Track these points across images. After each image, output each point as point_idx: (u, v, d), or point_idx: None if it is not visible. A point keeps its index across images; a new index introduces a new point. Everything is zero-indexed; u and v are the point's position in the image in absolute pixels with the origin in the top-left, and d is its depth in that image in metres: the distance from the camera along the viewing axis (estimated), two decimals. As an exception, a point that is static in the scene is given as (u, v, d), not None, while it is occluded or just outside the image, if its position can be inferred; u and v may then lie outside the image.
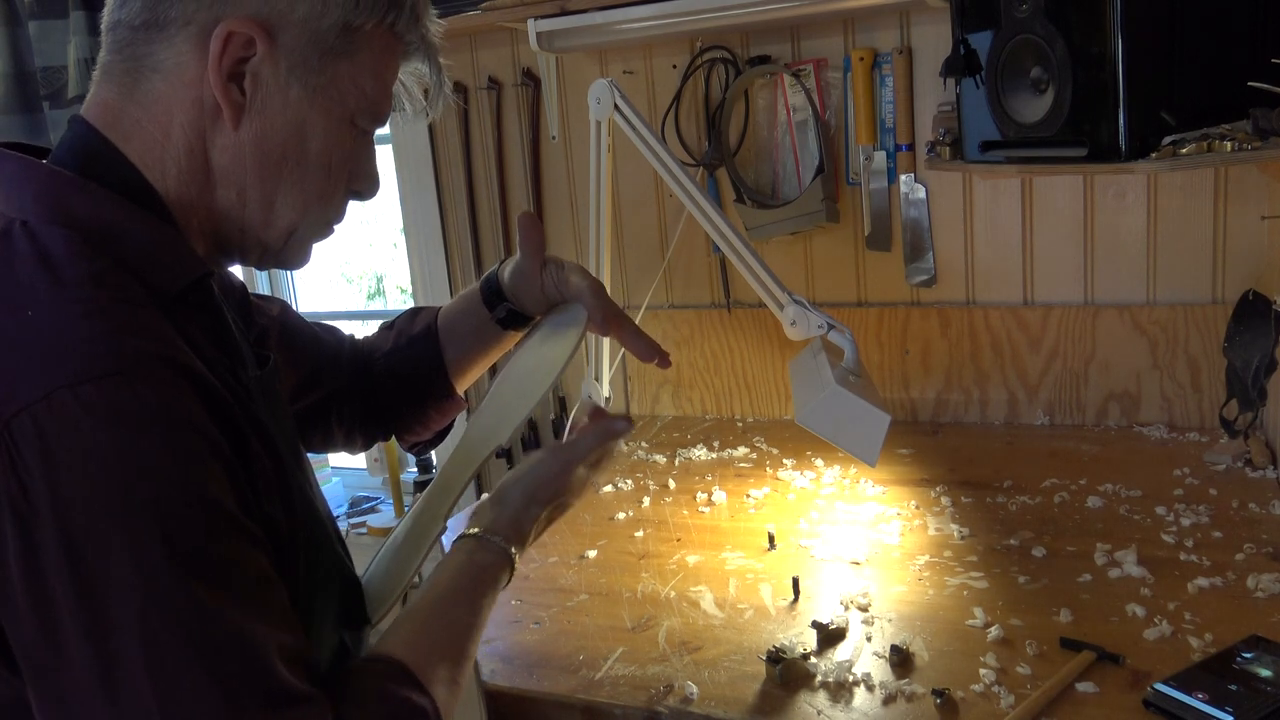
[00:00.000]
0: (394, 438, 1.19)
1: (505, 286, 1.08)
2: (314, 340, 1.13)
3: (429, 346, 1.12)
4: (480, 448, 0.98)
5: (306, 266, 0.89)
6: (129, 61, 0.78)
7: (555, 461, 0.95)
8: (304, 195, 0.83)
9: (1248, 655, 0.97)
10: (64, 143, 0.78)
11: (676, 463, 1.77)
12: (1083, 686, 0.97)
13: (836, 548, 1.35)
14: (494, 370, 1.31)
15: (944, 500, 1.47)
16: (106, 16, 0.79)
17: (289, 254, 0.87)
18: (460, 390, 1.15)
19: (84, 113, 0.79)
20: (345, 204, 0.88)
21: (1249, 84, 1.17)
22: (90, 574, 0.62)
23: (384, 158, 2.33)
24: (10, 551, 0.63)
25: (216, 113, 0.78)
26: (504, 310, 1.08)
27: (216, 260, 0.85)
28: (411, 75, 0.90)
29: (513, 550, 0.90)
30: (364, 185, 0.88)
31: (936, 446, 1.73)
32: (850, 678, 1.02)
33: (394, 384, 1.14)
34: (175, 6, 0.76)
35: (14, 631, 0.64)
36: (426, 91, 0.91)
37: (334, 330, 1.17)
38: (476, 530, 0.90)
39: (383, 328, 1.18)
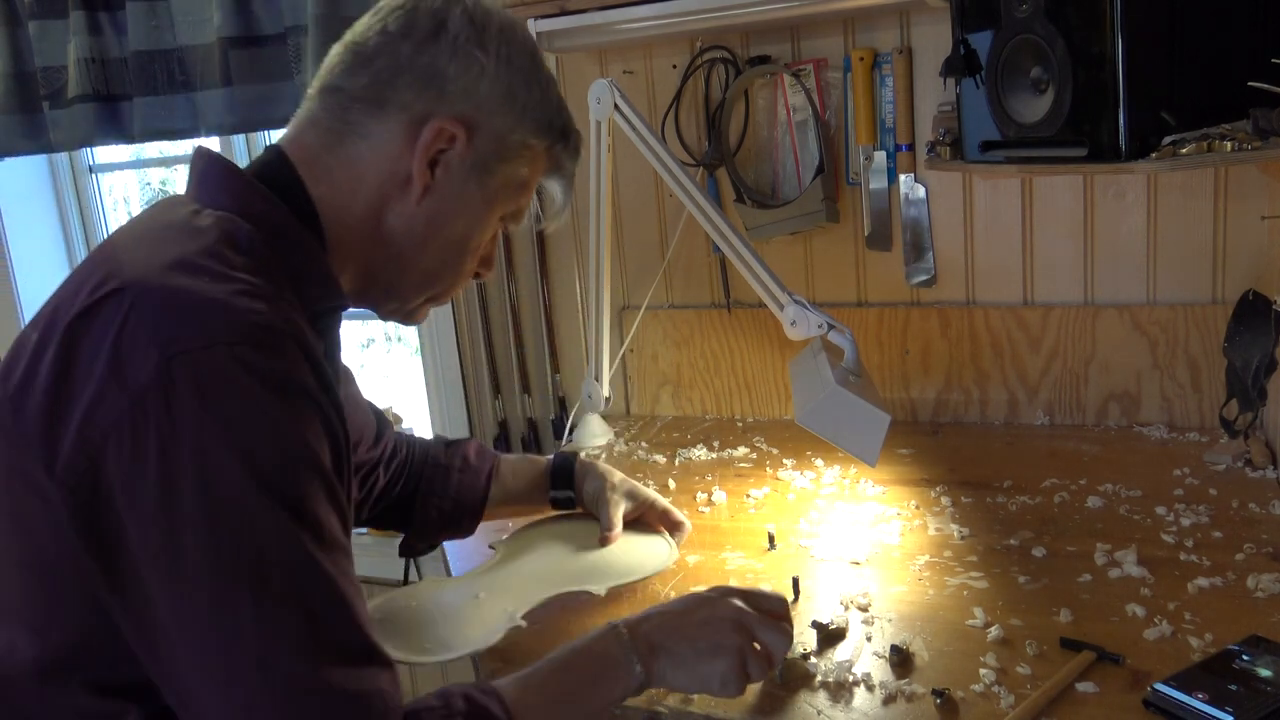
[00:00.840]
0: (397, 537, 1.34)
1: (579, 486, 1.32)
2: (364, 412, 1.27)
3: (481, 484, 1.31)
4: (572, 581, 1.17)
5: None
6: (339, 123, 0.91)
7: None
8: (449, 270, 0.98)
9: (1248, 655, 0.97)
10: (259, 163, 0.92)
11: (676, 463, 1.77)
12: (1083, 686, 0.97)
13: (836, 548, 1.35)
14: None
15: (944, 500, 1.47)
16: (326, 78, 0.93)
17: (417, 315, 1.02)
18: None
19: (283, 145, 0.93)
20: (469, 281, 1.03)
21: (1249, 84, 1.17)
22: (217, 505, 0.71)
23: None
24: (150, 469, 0.71)
25: (405, 185, 0.92)
26: (565, 495, 1.31)
27: (352, 302, 0.98)
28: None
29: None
30: (487, 270, 1.05)
31: (936, 446, 1.73)
32: (850, 678, 1.02)
33: (433, 498, 1.30)
34: (399, 93, 0.90)
35: (140, 539, 0.72)
36: (540, 203, 1.09)
37: (379, 410, 1.31)
38: (642, 676, 0.90)
39: (440, 442, 1.36)
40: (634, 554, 1.25)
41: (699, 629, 0.92)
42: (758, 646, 0.93)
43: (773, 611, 0.97)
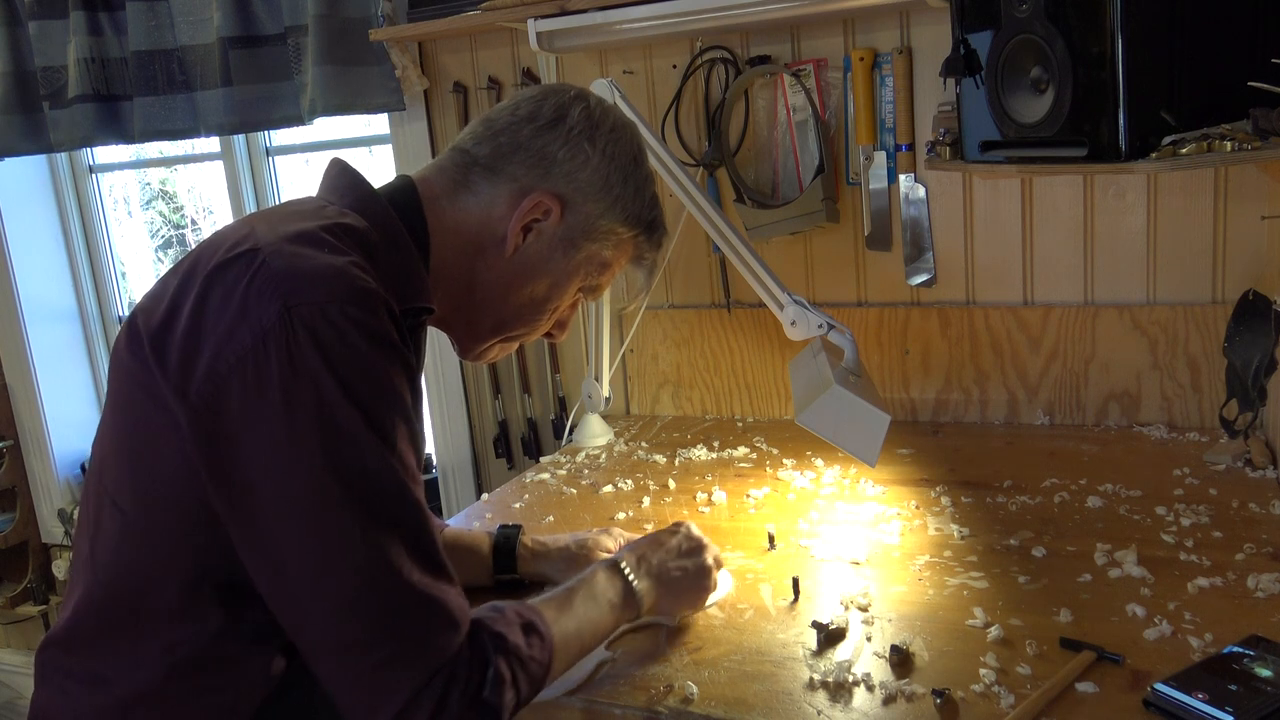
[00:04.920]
0: None
1: (523, 564, 1.29)
2: None
3: None
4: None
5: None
6: (460, 177, 1.07)
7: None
8: (523, 322, 1.12)
9: (1248, 655, 0.97)
10: (390, 185, 1.06)
11: (676, 463, 1.77)
12: (1083, 686, 0.97)
13: (836, 548, 1.35)
14: None
15: (944, 500, 1.47)
16: (459, 141, 1.09)
17: (485, 355, 1.15)
18: None
19: (414, 176, 1.07)
20: (539, 336, 1.16)
21: (1249, 84, 1.17)
22: (334, 433, 0.83)
23: (384, 156, 2.34)
24: (273, 397, 0.83)
25: (499, 243, 1.06)
26: (508, 577, 1.29)
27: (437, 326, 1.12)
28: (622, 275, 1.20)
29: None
30: (560, 332, 1.18)
31: (936, 446, 1.73)
32: (850, 678, 1.02)
33: None
34: (512, 166, 1.06)
35: (257, 456, 0.84)
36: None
37: None
38: (643, 606, 1.10)
39: None
40: None
41: (683, 560, 1.16)
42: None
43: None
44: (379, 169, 2.45)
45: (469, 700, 0.86)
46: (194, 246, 0.98)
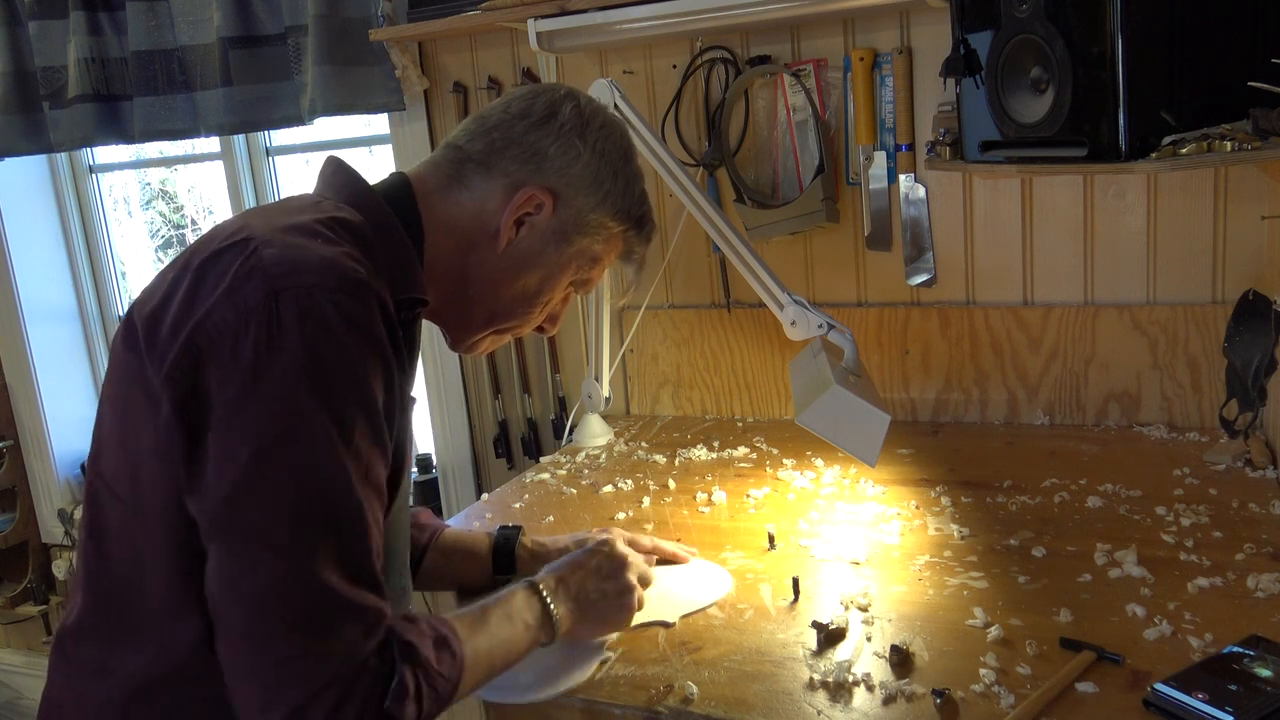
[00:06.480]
0: None
1: (523, 565, 1.29)
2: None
3: (416, 553, 1.27)
4: (646, 614, 1.18)
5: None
6: (454, 172, 1.08)
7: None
8: (515, 315, 1.12)
9: (1248, 655, 0.97)
10: (385, 182, 1.07)
11: (676, 463, 1.77)
12: (1083, 686, 0.97)
13: (836, 548, 1.35)
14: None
15: (944, 500, 1.47)
16: (453, 137, 1.11)
17: (478, 346, 1.16)
18: None
19: (408, 172, 1.09)
20: (531, 329, 1.17)
21: (1249, 84, 1.17)
22: (287, 418, 0.83)
23: (384, 156, 2.34)
24: (239, 374, 0.83)
25: (492, 237, 1.07)
26: (508, 578, 1.29)
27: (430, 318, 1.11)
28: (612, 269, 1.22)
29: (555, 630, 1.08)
30: (551, 326, 1.19)
31: (936, 446, 1.73)
32: (850, 678, 1.02)
33: None
34: (505, 161, 1.07)
35: (212, 434, 0.84)
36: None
37: None
38: (557, 630, 1.07)
39: None
40: (694, 583, 1.27)
41: (604, 582, 1.13)
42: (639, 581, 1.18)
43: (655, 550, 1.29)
44: (379, 169, 2.45)
45: (369, 708, 0.84)
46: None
